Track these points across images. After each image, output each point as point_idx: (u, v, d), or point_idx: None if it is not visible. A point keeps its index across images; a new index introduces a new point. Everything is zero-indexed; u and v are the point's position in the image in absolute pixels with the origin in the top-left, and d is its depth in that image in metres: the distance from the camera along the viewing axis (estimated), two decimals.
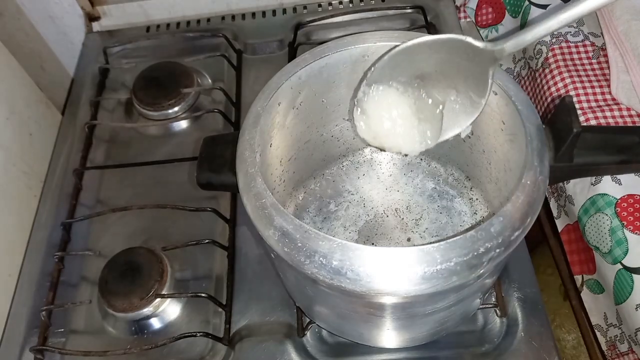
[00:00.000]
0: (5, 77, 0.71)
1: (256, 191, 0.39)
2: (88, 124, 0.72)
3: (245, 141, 0.42)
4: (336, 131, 0.54)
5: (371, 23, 0.79)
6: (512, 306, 0.55)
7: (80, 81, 0.80)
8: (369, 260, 0.35)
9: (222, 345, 0.55)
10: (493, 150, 0.48)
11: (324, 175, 0.58)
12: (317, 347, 0.54)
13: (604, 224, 0.56)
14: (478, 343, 0.53)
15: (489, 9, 0.79)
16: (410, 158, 0.58)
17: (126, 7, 0.84)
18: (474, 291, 0.44)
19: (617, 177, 0.57)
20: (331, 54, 0.46)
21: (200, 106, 0.74)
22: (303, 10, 0.82)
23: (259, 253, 0.61)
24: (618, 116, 0.61)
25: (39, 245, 0.65)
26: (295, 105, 0.48)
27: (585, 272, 0.60)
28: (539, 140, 0.39)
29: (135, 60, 0.79)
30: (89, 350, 0.55)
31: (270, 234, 0.37)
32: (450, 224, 0.54)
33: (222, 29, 0.80)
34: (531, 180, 0.37)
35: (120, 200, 0.67)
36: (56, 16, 0.84)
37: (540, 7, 0.71)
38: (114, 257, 0.59)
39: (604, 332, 0.58)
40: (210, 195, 0.65)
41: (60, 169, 0.71)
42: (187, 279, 0.60)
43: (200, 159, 0.46)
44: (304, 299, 0.50)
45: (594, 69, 0.65)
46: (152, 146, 0.71)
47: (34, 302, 0.61)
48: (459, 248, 0.34)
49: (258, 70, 0.77)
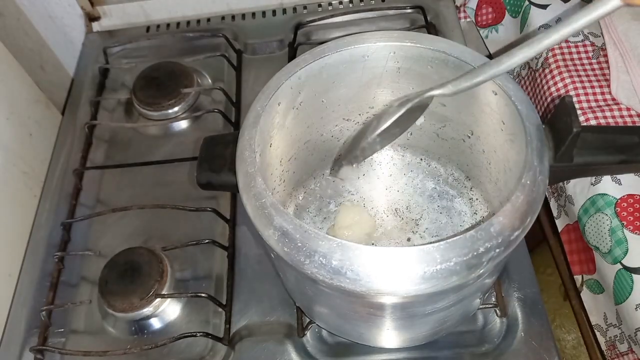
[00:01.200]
0: (5, 77, 0.71)
1: (256, 191, 0.39)
2: (88, 124, 0.72)
3: (245, 141, 0.42)
4: (336, 131, 0.54)
5: (371, 23, 0.79)
6: (512, 306, 0.55)
7: (80, 81, 0.80)
8: (369, 260, 0.35)
9: (222, 345, 0.55)
10: (493, 150, 0.48)
11: (324, 175, 0.58)
12: (317, 347, 0.54)
13: (603, 224, 0.56)
14: (478, 343, 0.53)
15: (488, 8, 0.79)
16: (411, 158, 0.58)
17: (126, 7, 0.84)
18: (474, 291, 0.44)
19: (617, 177, 0.57)
20: (331, 54, 0.46)
21: (200, 106, 0.74)
22: (303, 10, 0.82)
23: (259, 253, 0.61)
24: (618, 116, 0.61)
25: (39, 245, 0.65)
26: (295, 105, 0.48)
27: (585, 272, 0.60)
28: (538, 140, 0.39)
29: (135, 60, 0.79)
30: (89, 350, 0.55)
31: (270, 234, 0.37)
32: (450, 224, 0.54)
33: (222, 29, 0.80)
34: (531, 180, 0.37)
35: (120, 200, 0.67)
36: (56, 16, 0.84)
37: (540, 7, 0.71)
38: (114, 257, 0.59)
39: (604, 332, 0.58)
40: (210, 195, 0.65)
41: (60, 169, 0.71)
42: (187, 279, 0.60)
43: (200, 159, 0.46)
44: (304, 299, 0.50)
45: (594, 69, 0.65)
46: (152, 146, 0.71)
47: (34, 302, 0.61)
48: (458, 248, 0.34)
49: (258, 70, 0.77)
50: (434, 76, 0.47)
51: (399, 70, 0.48)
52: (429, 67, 0.46)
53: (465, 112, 0.49)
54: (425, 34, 0.47)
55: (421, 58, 0.46)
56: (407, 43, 0.46)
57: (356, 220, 0.53)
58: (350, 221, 0.53)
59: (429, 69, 0.47)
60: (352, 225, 0.53)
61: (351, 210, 0.54)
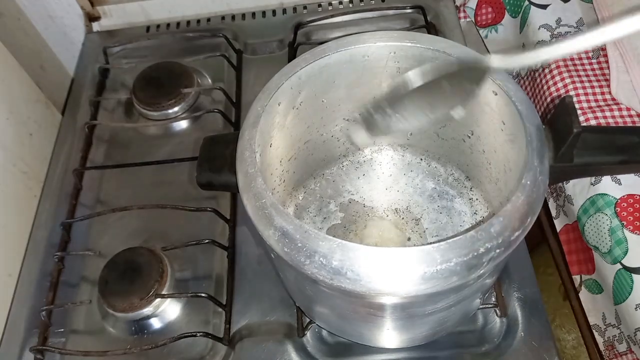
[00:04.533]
0: (5, 77, 0.71)
1: (256, 191, 0.39)
2: (88, 124, 0.72)
3: (245, 141, 0.42)
4: (336, 131, 0.54)
5: (371, 23, 0.79)
6: (512, 306, 0.55)
7: (80, 81, 0.80)
8: (369, 261, 0.35)
9: (222, 345, 0.55)
10: (493, 150, 0.48)
11: (324, 175, 0.58)
12: (317, 347, 0.54)
13: (603, 224, 0.56)
14: (478, 343, 0.53)
15: (488, 8, 0.79)
16: (411, 158, 0.58)
17: (126, 7, 0.84)
18: (474, 291, 0.44)
19: (617, 177, 0.57)
20: (331, 54, 0.46)
21: (200, 106, 0.74)
22: (303, 10, 0.82)
23: (259, 253, 0.61)
24: (618, 116, 0.61)
25: (39, 245, 0.65)
26: (295, 105, 0.48)
27: (583, 272, 0.60)
28: (539, 140, 0.39)
29: (135, 60, 0.79)
30: (89, 350, 0.55)
31: (270, 234, 0.37)
32: (450, 224, 0.54)
33: (222, 29, 0.80)
34: (531, 180, 0.37)
35: (120, 200, 0.67)
36: (56, 16, 0.84)
37: (540, 7, 0.71)
38: (114, 257, 0.59)
39: (602, 332, 0.58)
40: (210, 195, 0.65)
41: (60, 169, 0.71)
42: (187, 279, 0.60)
43: (200, 159, 0.46)
44: (304, 299, 0.50)
45: (594, 69, 0.65)
46: (152, 146, 0.71)
47: (34, 302, 0.61)
48: (459, 248, 0.34)
49: (258, 70, 0.77)
50: None
51: (399, 70, 0.48)
52: None
53: (466, 112, 0.49)
54: (425, 34, 0.47)
55: (421, 58, 0.46)
56: (407, 43, 0.46)
57: (386, 237, 0.53)
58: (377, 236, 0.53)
59: None
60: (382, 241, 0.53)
61: (380, 225, 0.54)
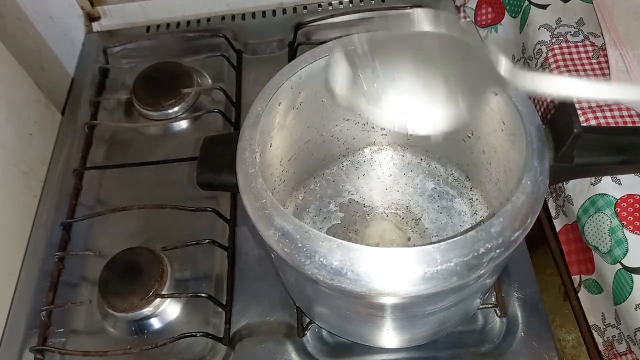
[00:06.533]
0: (5, 77, 0.71)
1: (256, 191, 0.39)
2: (88, 124, 0.72)
3: (245, 141, 0.42)
4: (336, 131, 0.54)
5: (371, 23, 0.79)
6: (512, 306, 0.55)
7: (80, 81, 0.80)
8: (369, 261, 0.35)
9: (222, 345, 0.55)
10: (493, 150, 0.48)
11: (324, 175, 0.58)
12: (317, 347, 0.54)
13: (603, 224, 0.56)
14: (478, 343, 0.53)
15: (488, 8, 0.79)
16: (411, 158, 0.58)
17: (126, 7, 0.84)
18: (474, 291, 0.44)
19: (617, 177, 0.57)
20: (331, 54, 0.46)
21: (200, 106, 0.74)
22: (303, 10, 0.82)
23: (259, 253, 0.61)
24: (618, 116, 0.61)
25: (39, 245, 0.65)
26: (296, 105, 0.48)
27: (583, 272, 0.60)
28: (539, 140, 0.39)
29: (135, 60, 0.79)
30: (89, 350, 0.55)
31: (270, 234, 0.37)
32: (450, 224, 0.54)
33: (222, 29, 0.80)
34: (531, 180, 0.37)
35: (120, 200, 0.67)
36: (56, 16, 0.84)
37: (540, 7, 0.71)
38: (114, 257, 0.59)
39: (602, 333, 0.58)
40: (210, 195, 0.65)
41: (60, 169, 0.71)
42: (187, 279, 0.60)
43: (200, 159, 0.46)
44: (304, 299, 0.50)
45: (594, 69, 0.65)
46: (152, 146, 0.71)
47: (34, 302, 0.61)
48: (459, 248, 0.34)
49: (258, 70, 0.77)
50: None
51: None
52: None
53: (465, 112, 0.49)
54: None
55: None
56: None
57: (387, 238, 0.54)
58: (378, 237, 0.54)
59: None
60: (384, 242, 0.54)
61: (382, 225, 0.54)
